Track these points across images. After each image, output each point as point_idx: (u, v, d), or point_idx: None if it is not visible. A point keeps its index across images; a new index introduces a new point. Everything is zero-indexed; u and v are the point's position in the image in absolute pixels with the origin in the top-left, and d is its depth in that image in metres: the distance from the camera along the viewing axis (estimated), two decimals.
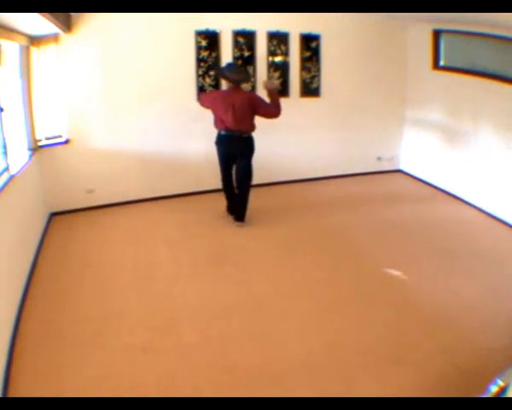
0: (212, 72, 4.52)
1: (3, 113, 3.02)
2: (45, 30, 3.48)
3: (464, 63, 4.47)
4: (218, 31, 4.47)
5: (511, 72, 3.90)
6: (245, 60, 4.61)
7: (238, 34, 4.55)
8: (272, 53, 4.74)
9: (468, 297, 2.83)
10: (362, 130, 5.39)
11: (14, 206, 2.93)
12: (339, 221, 4.10)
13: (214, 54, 4.50)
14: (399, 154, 5.68)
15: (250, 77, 4.61)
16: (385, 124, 5.50)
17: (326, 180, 5.34)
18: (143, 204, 4.55)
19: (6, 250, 2.58)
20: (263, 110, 3.73)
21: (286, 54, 4.79)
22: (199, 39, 4.42)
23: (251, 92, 4.44)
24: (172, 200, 4.66)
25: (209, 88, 4.56)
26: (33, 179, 3.79)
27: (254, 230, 3.90)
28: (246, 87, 4.49)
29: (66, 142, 4.16)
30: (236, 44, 4.57)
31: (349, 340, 2.42)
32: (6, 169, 2.96)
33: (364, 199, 4.75)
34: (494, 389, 1.28)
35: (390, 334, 2.47)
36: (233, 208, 4.07)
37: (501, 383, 1.28)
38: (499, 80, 3.99)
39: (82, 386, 2.05)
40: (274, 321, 2.60)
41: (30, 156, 3.69)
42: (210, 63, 4.50)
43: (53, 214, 4.22)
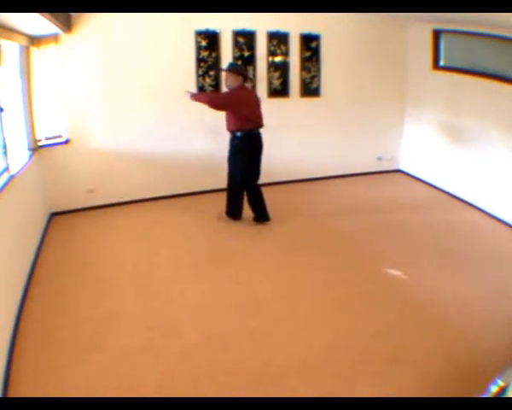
0: (212, 72, 4.52)
1: (3, 113, 3.02)
2: (45, 30, 3.48)
3: (464, 63, 4.47)
4: (218, 31, 4.47)
5: (511, 72, 3.90)
6: (245, 60, 4.61)
7: (238, 34, 4.55)
8: (272, 53, 4.74)
9: (469, 297, 2.83)
10: (362, 130, 5.39)
11: (14, 206, 2.93)
12: (339, 221, 4.10)
13: (214, 54, 4.50)
14: (399, 154, 5.68)
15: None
16: (385, 124, 5.50)
17: (326, 180, 5.34)
18: (143, 204, 4.55)
19: (6, 250, 2.58)
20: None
21: (286, 54, 4.80)
22: (199, 39, 4.42)
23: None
24: (172, 200, 4.66)
25: (209, 88, 4.56)
26: (33, 179, 3.79)
27: (254, 230, 3.90)
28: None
29: (66, 142, 4.16)
30: (236, 44, 4.57)
31: (349, 340, 2.42)
32: (6, 169, 2.96)
33: (364, 199, 4.75)
34: (494, 389, 1.28)
35: (390, 334, 2.47)
36: (238, 210, 4.01)
37: (501, 383, 1.28)
38: (499, 80, 3.99)
39: (82, 386, 2.05)
40: (274, 321, 2.60)
41: (30, 156, 3.69)
42: (210, 63, 4.51)
43: (53, 214, 4.22)
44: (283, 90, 4.84)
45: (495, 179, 4.14)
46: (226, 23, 4.46)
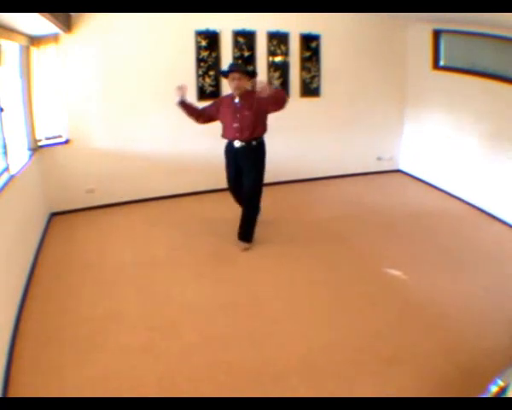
0: (212, 72, 4.52)
1: (3, 113, 3.03)
2: (45, 30, 3.49)
3: (464, 63, 4.47)
4: (218, 31, 4.47)
5: (511, 72, 3.90)
6: (245, 60, 4.61)
7: (238, 34, 4.55)
8: (272, 53, 4.74)
9: (469, 297, 2.83)
10: (362, 130, 5.39)
11: (14, 206, 2.93)
12: (339, 221, 4.10)
13: (214, 54, 4.50)
14: (399, 154, 5.68)
15: None
16: (385, 124, 5.50)
17: (326, 180, 5.34)
18: (143, 204, 4.55)
19: (6, 250, 2.58)
20: None
21: (286, 54, 4.79)
22: (199, 39, 4.42)
23: None
24: (173, 200, 4.66)
25: (209, 88, 4.56)
26: (33, 179, 3.80)
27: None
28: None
29: (66, 142, 4.16)
30: (236, 44, 4.57)
31: (349, 340, 2.42)
32: (6, 169, 2.97)
33: (364, 199, 4.75)
34: (494, 389, 1.28)
35: (390, 334, 2.47)
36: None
37: (501, 383, 1.28)
38: (499, 80, 3.99)
39: (82, 386, 2.05)
40: (274, 321, 2.60)
41: (30, 156, 3.69)
42: (210, 63, 4.50)
43: (53, 214, 4.22)
44: (283, 90, 4.84)
45: (495, 179, 4.14)
46: (226, 23, 4.45)
